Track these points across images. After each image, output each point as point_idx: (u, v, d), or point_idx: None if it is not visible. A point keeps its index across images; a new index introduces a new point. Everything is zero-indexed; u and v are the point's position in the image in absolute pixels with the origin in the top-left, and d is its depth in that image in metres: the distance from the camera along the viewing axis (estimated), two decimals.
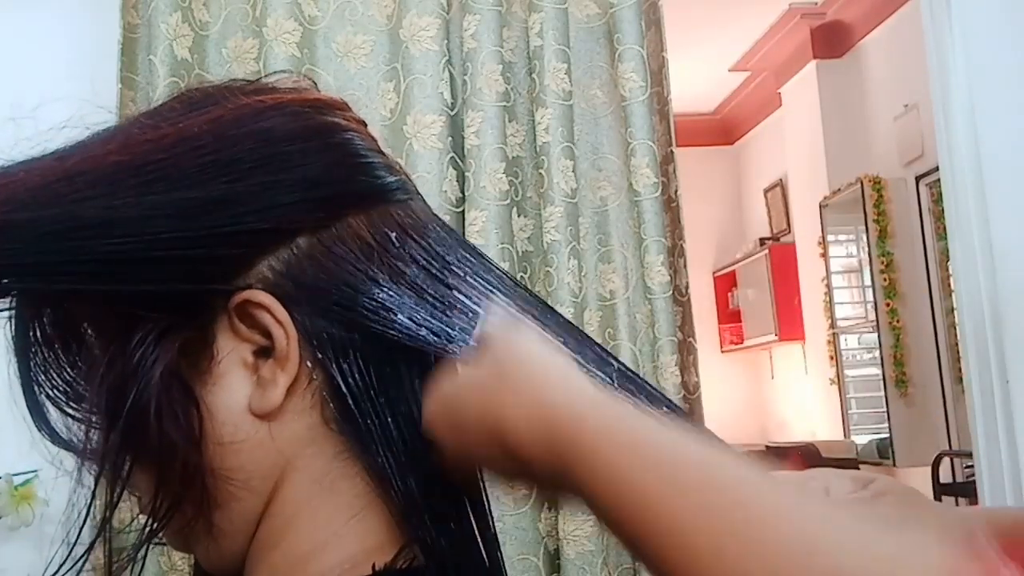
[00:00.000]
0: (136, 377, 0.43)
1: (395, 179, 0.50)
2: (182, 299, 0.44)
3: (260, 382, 0.45)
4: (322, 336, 0.45)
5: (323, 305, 0.45)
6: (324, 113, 0.49)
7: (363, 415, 0.46)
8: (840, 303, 4.26)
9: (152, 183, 0.43)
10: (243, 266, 0.45)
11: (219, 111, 0.46)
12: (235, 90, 0.49)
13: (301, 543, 0.46)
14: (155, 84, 1.50)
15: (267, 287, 0.45)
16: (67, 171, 0.42)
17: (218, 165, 0.44)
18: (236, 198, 0.44)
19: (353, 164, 0.48)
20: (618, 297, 1.62)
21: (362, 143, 0.49)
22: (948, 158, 1.69)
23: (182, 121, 0.45)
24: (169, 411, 0.43)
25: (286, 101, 0.48)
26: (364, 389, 0.46)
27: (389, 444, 0.46)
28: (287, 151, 0.46)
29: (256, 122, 0.46)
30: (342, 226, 0.46)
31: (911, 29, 3.39)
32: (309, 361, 0.45)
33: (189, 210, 0.43)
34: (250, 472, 0.45)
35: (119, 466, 0.43)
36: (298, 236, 0.46)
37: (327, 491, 0.46)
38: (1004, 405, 1.59)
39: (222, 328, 0.45)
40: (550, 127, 1.56)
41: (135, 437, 0.43)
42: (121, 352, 0.43)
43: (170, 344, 0.43)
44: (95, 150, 0.44)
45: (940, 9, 1.70)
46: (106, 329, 0.45)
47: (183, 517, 0.45)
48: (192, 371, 0.45)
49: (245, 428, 0.45)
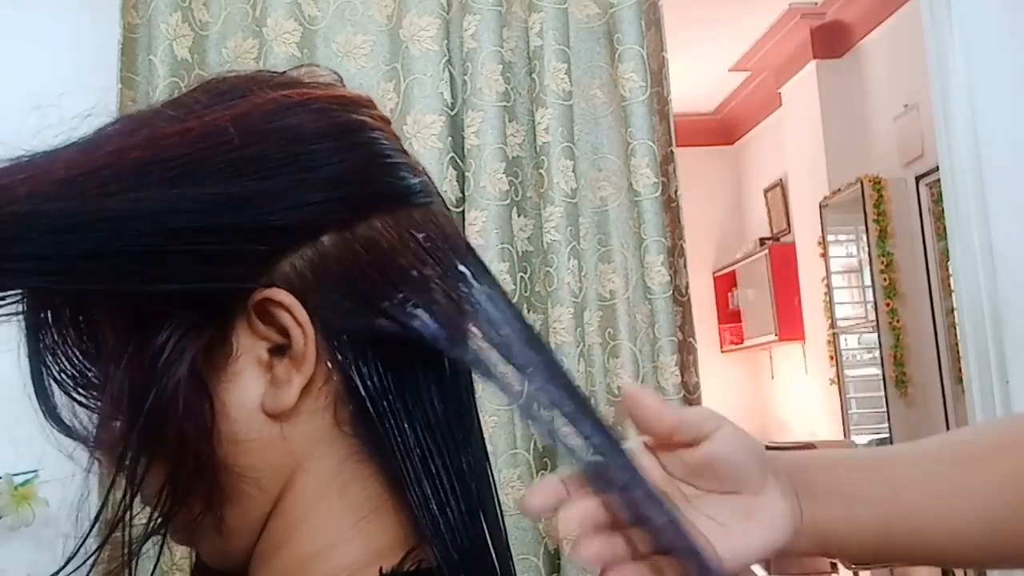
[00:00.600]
0: (159, 374, 0.42)
1: (418, 180, 0.49)
2: (204, 295, 0.44)
3: (274, 381, 0.45)
4: (342, 337, 0.45)
5: (345, 306, 0.45)
6: (351, 111, 0.48)
7: (380, 418, 0.45)
8: (840, 303, 4.25)
9: (177, 179, 0.42)
10: (266, 264, 0.44)
11: (245, 105, 0.45)
12: (262, 82, 0.48)
13: (308, 544, 0.45)
14: (155, 84, 1.50)
15: (289, 286, 0.44)
16: (92, 164, 0.42)
17: (243, 162, 0.43)
18: (261, 196, 0.43)
19: (379, 164, 0.47)
20: (618, 297, 1.62)
21: (387, 143, 0.49)
22: (948, 158, 1.69)
23: (207, 115, 0.44)
24: (187, 408, 0.43)
25: (313, 97, 0.47)
26: (383, 392, 0.45)
27: (406, 449, 0.45)
28: (313, 149, 0.45)
29: (283, 118, 0.45)
30: (366, 227, 0.46)
31: (911, 29, 3.39)
32: (328, 362, 0.45)
33: (213, 206, 0.42)
34: (261, 471, 0.45)
35: (136, 460, 0.43)
36: (322, 235, 0.45)
37: (336, 493, 0.46)
38: (1004, 405, 1.59)
39: (241, 325, 0.45)
40: (550, 127, 1.56)
41: (152, 432, 0.43)
42: (141, 347, 0.43)
43: (194, 343, 0.43)
44: (120, 143, 0.43)
45: (940, 9, 1.70)
46: (124, 321, 0.44)
47: (190, 512, 0.45)
48: (208, 367, 0.44)
49: (257, 427, 0.45)
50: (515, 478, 1.48)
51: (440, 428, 0.47)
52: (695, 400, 1.61)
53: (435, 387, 0.47)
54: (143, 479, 0.43)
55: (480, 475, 0.49)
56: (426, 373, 0.47)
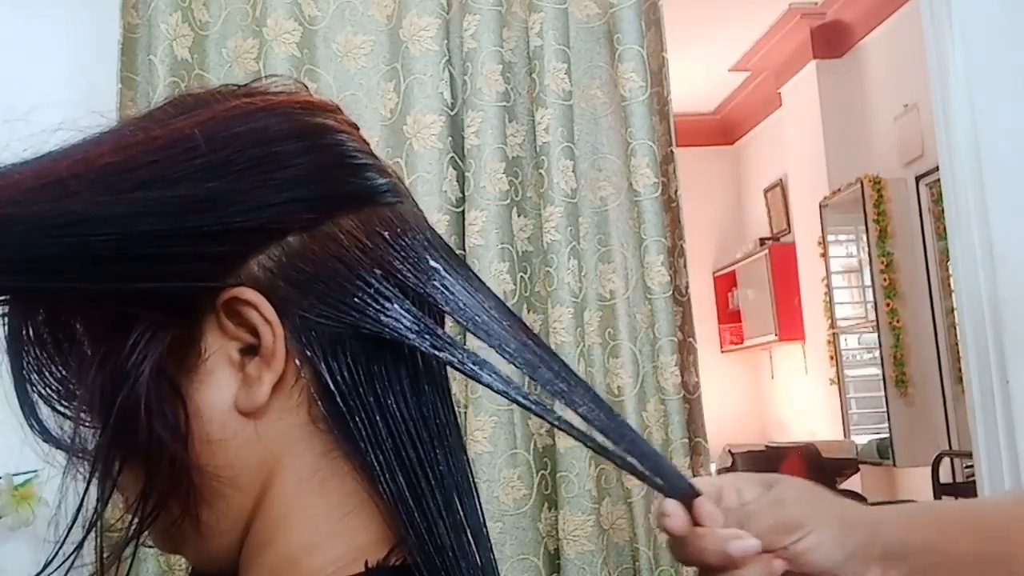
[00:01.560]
0: (125, 375, 0.43)
1: (385, 181, 0.50)
2: (171, 297, 0.44)
3: (246, 380, 0.45)
4: (310, 334, 0.46)
5: (312, 303, 0.46)
6: (315, 115, 0.49)
7: (351, 413, 0.46)
8: (840, 303, 4.26)
9: (144, 184, 0.43)
10: (233, 264, 0.45)
11: (210, 113, 0.46)
12: (227, 94, 0.49)
13: (293, 541, 0.46)
14: (155, 84, 1.50)
15: (256, 285, 0.45)
16: (60, 172, 0.43)
17: (209, 166, 0.44)
18: (226, 197, 0.44)
19: (343, 165, 0.48)
20: (618, 297, 1.62)
21: (353, 144, 0.49)
22: (948, 158, 1.69)
23: (173, 123, 0.46)
24: (158, 409, 0.43)
25: (277, 103, 0.48)
26: (352, 387, 0.46)
27: (378, 442, 0.46)
28: (277, 151, 0.46)
29: (247, 123, 0.46)
30: (332, 226, 0.47)
31: (911, 29, 3.39)
32: (297, 359, 0.46)
33: (177, 208, 0.43)
34: (237, 470, 0.46)
35: (110, 464, 0.44)
36: (288, 235, 0.46)
37: (317, 489, 0.46)
38: (1004, 405, 1.59)
39: (210, 326, 0.46)
40: (550, 127, 1.56)
41: (125, 435, 0.43)
42: (111, 351, 0.44)
43: (158, 342, 0.44)
44: (88, 152, 0.44)
45: (940, 9, 1.70)
46: (96, 327, 0.45)
47: (169, 516, 0.45)
48: (179, 368, 0.45)
49: (231, 426, 0.45)
50: (515, 478, 1.48)
51: (413, 421, 0.47)
52: (695, 400, 1.61)
53: (407, 381, 0.47)
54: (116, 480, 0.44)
55: (457, 467, 0.49)
56: (397, 367, 0.47)
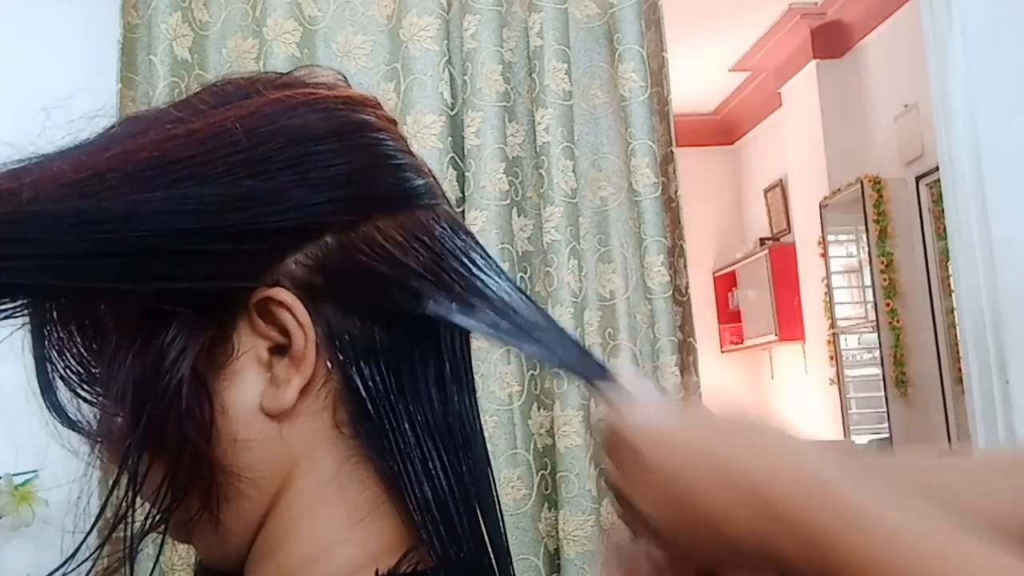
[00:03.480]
0: (162, 373, 0.43)
1: (423, 182, 0.49)
2: (207, 295, 0.44)
3: (273, 381, 0.45)
4: (344, 338, 0.45)
5: (347, 305, 0.45)
6: (356, 111, 0.48)
7: (380, 419, 0.45)
8: (840, 303, 4.25)
9: (181, 180, 0.42)
10: (268, 263, 0.45)
11: (250, 106, 0.45)
12: (267, 83, 0.48)
13: (305, 545, 0.45)
14: (155, 84, 1.50)
15: (292, 285, 0.45)
16: (97, 167, 0.42)
17: (248, 163, 0.43)
18: (264, 196, 0.43)
19: (383, 165, 0.47)
20: (618, 297, 1.62)
21: (393, 143, 0.49)
22: (948, 158, 1.69)
23: (213, 116, 0.45)
24: (187, 406, 0.43)
25: (319, 97, 0.47)
26: (384, 393, 0.45)
27: (406, 450, 0.45)
28: (318, 150, 0.45)
29: (288, 118, 0.45)
30: (369, 227, 0.46)
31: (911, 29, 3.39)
32: (329, 361, 0.45)
33: (215, 206, 0.42)
34: (258, 471, 0.45)
35: (138, 458, 0.43)
36: (325, 235, 0.45)
37: (334, 494, 0.46)
38: (1004, 405, 1.59)
39: (242, 324, 0.45)
40: (550, 127, 1.56)
41: (153, 430, 0.43)
42: (146, 346, 0.43)
43: (196, 342, 0.43)
44: (126, 146, 0.43)
45: (940, 9, 1.70)
46: (129, 319, 0.44)
47: (188, 511, 0.45)
48: (209, 366, 0.44)
49: (256, 426, 0.45)
50: (515, 478, 1.48)
51: (440, 430, 0.47)
52: (694, 401, 1.61)
53: (436, 389, 0.47)
54: (145, 477, 0.43)
55: (480, 478, 0.49)
56: (427, 375, 0.47)
